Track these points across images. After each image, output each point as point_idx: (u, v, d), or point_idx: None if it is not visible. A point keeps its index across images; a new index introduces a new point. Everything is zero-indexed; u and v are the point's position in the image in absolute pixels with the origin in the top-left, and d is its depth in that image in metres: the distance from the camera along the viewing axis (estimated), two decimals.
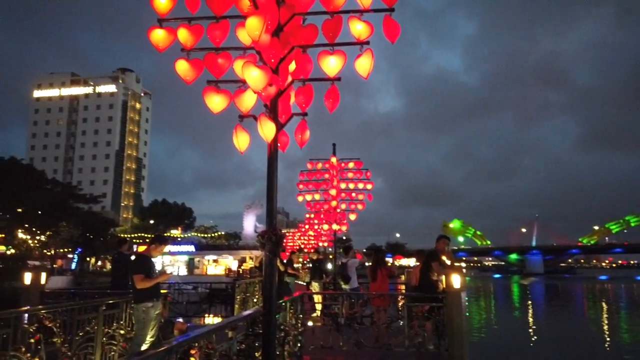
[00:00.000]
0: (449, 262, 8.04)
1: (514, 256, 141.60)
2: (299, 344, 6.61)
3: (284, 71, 3.86)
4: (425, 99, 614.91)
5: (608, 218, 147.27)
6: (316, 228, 23.20)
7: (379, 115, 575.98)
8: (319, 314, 10.25)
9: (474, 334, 22.18)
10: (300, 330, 6.79)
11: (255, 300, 13.18)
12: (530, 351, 19.88)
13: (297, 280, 15.78)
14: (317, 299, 10.78)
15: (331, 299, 9.45)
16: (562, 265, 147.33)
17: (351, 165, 14.80)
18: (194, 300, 13.82)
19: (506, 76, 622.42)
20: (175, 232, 69.89)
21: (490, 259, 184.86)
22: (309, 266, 17.60)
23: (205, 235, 71.63)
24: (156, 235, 7.23)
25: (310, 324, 8.67)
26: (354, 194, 14.90)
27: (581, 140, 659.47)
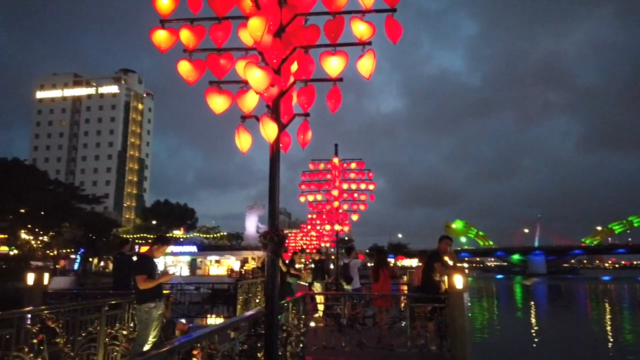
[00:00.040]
0: (451, 263, 8.03)
1: (516, 257, 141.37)
2: (302, 345, 6.61)
3: (286, 72, 3.86)
4: (427, 99, 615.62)
5: (611, 218, 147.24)
6: (318, 228, 23.19)
7: (381, 116, 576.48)
8: (321, 314, 10.25)
9: (476, 335, 22.15)
10: (302, 330, 6.79)
11: (257, 301, 13.19)
12: (533, 352, 19.83)
13: (299, 281, 15.81)
14: (320, 299, 10.78)
15: (333, 300, 9.44)
16: (565, 265, 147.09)
17: (353, 165, 14.78)
18: (196, 301, 13.84)
19: (507, 76, 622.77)
20: (178, 233, 69.99)
21: (492, 259, 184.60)
22: (311, 267, 17.59)
23: (208, 235, 71.64)
24: (158, 236, 7.24)
25: (312, 324, 8.66)
26: (356, 195, 14.88)
27: (583, 140, 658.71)
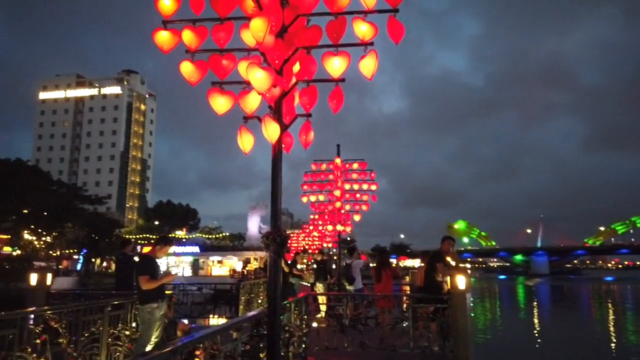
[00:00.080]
0: (453, 263, 8.02)
1: (519, 257, 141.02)
2: (304, 345, 6.61)
3: (288, 72, 3.86)
4: (430, 100, 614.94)
5: (614, 219, 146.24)
6: (320, 229, 23.22)
7: (383, 116, 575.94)
8: (323, 315, 10.26)
9: (479, 335, 22.11)
10: (304, 331, 6.79)
11: (259, 301, 13.19)
12: (535, 353, 19.79)
13: (302, 281, 15.78)
14: (322, 300, 10.79)
15: (335, 300, 9.45)
16: (568, 266, 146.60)
17: (355, 166, 14.77)
18: (199, 301, 13.84)
19: (510, 76, 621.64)
20: (180, 233, 70.10)
21: (495, 260, 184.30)
22: (314, 267, 17.59)
23: (210, 236, 71.72)
24: (161, 236, 7.26)
25: (314, 325, 8.67)
26: (358, 195, 14.87)
27: (586, 140, 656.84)
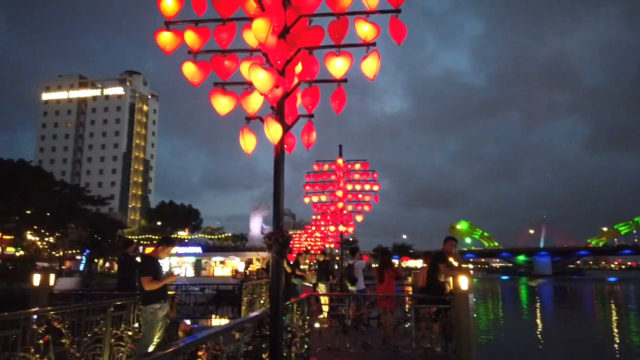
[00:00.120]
0: (456, 264, 8.01)
1: (521, 258, 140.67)
2: (306, 346, 6.60)
3: (291, 73, 3.85)
4: (432, 100, 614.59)
5: (617, 219, 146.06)
6: (323, 229, 23.16)
7: (385, 117, 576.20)
8: (325, 315, 10.26)
9: (481, 336, 22.05)
10: (307, 331, 6.79)
11: (262, 302, 13.20)
12: (538, 353, 19.73)
13: (304, 282, 15.79)
14: (324, 300, 10.78)
15: (338, 301, 9.44)
16: (571, 266, 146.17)
17: (357, 166, 14.76)
18: (201, 302, 13.86)
19: (513, 76, 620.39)
20: (183, 234, 70.22)
21: (497, 260, 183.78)
22: (316, 268, 17.59)
23: (212, 236, 71.84)
24: (163, 237, 7.27)
25: (317, 325, 8.66)
26: (360, 196, 14.85)
27: (588, 140, 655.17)
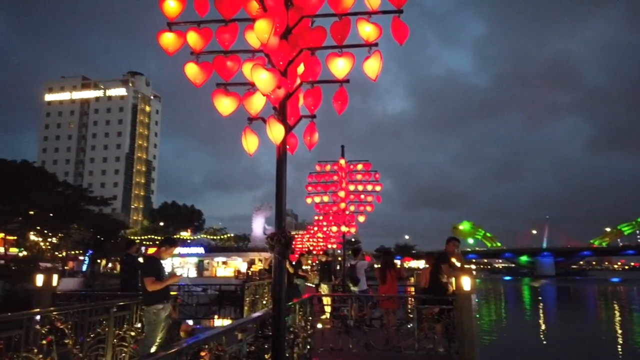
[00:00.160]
0: (458, 264, 8.00)
1: (524, 258, 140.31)
2: (309, 346, 6.60)
3: (293, 73, 3.86)
4: (434, 100, 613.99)
5: (620, 219, 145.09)
6: (325, 230, 23.17)
7: (387, 117, 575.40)
8: (328, 316, 10.24)
9: (484, 337, 22.01)
10: (309, 332, 6.79)
11: (264, 302, 13.21)
12: (541, 354, 19.69)
13: (306, 282, 15.80)
14: (326, 301, 10.77)
15: (340, 301, 9.44)
16: (574, 267, 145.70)
17: (360, 167, 14.74)
18: (204, 302, 13.89)
19: (515, 77, 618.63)
20: (185, 234, 70.27)
21: (500, 261, 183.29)
22: (318, 268, 17.58)
23: (215, 237, 71.84)
24: (166, 238, 7.28)
25: (319, 326, 8.65)
26: (362, 196, 14.84)
27: (591, 141, 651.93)
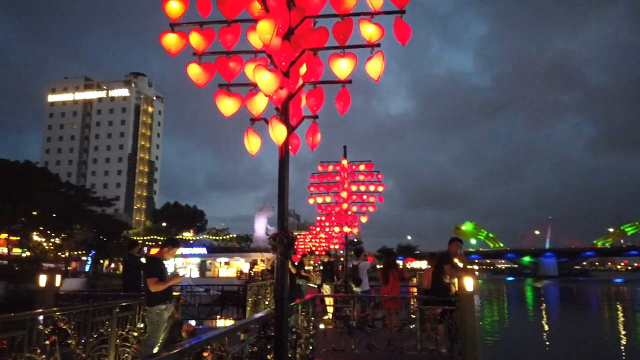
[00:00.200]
0: (461, 265, 7.99)
1: (527, 259, 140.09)
2: (311, 347, 6.60)
3: (295, 74, 3.86)
4: (436, 101, 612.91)
5: (623, 220, 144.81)
6: (327, 230, 23.13)
7: (389, 117, 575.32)
8: (330, 316, 10.24)
9: (487, 338, 21.97)
10: (312, 332, 6.79)
11: (266, 303, 13.21)
12: (544, 355, 19.64)
13: (309, 283, 15.78)
14: (329, 301, 10.77)
15: (342, 302, 9.43)
16: (577, 267, 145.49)
17: (362, 167, 14.73)
18: (206, 303, 13.88)
19: (517, 77, 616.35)
20: (187, 235, 70.38)
21: (503, 261, 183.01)
22: (320, 269, 17.57)
23: (217, 237, 71.82)
24: (168, 238, 7.29)
25: (322, 326, 8.66)
26: (365, 196, 14.82)
27: (594, 141, 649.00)
